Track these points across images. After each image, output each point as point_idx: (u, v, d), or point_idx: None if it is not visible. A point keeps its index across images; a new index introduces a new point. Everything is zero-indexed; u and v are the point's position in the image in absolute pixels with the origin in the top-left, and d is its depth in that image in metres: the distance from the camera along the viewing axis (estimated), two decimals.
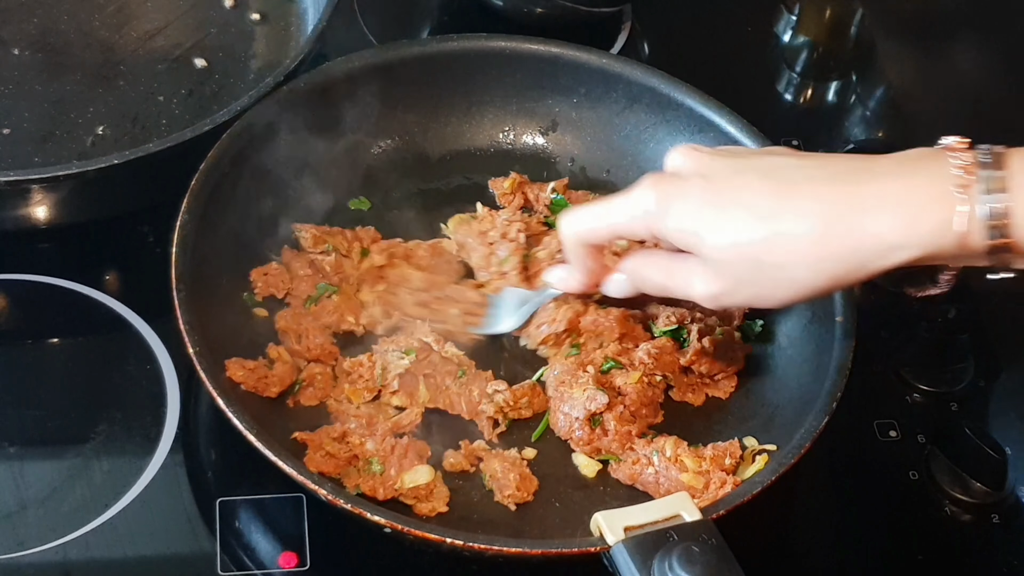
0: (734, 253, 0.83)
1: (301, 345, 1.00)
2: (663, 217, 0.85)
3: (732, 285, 0.85)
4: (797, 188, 0.82)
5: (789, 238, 0.81)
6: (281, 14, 1.28)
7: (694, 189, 0.85)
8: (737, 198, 0.83)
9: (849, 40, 1.41)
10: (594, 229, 0.92)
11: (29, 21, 1.22)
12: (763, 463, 0.94)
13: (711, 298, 0.87)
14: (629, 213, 0.88)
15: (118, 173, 1.00)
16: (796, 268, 0.82)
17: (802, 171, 0.83)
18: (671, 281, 0.89)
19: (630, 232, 0.89)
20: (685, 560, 0.78)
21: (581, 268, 0.95)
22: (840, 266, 0.81)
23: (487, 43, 1.16)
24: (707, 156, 0.87)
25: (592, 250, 0.94)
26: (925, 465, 1.04)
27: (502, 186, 1.14)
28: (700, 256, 0.85)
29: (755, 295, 0.85)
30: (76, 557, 0.92)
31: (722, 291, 0.85)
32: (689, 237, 0.85)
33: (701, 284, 0.86)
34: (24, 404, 1.00)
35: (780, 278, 0.83)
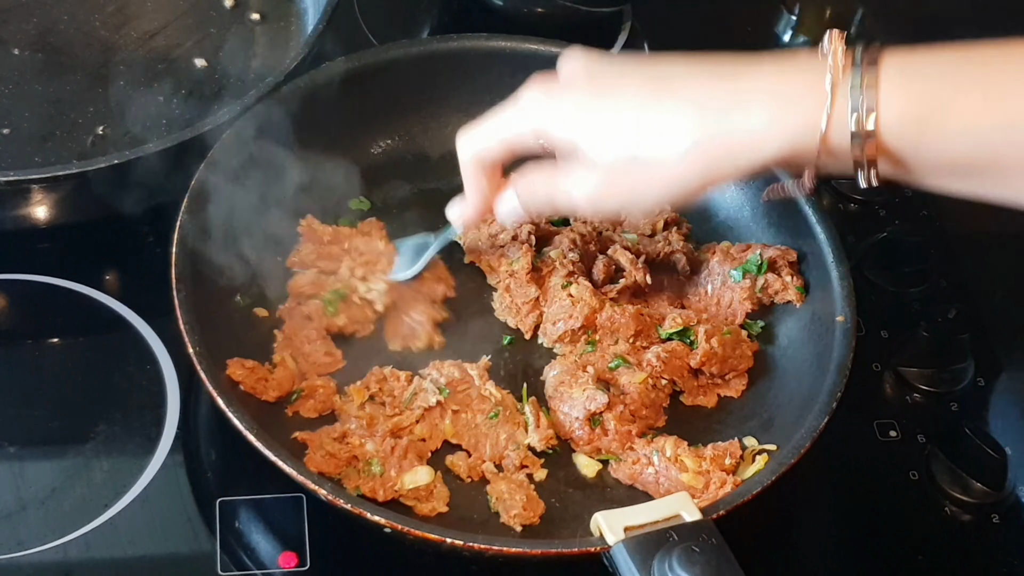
0: (610, 149, 0.83)
1: (301, 361, 1.00)
2: (549, 112, 0.85)
3: (608, 184, 0.84)
4: (676, 84, 0.82)
5: (662, 131, 0.81)
6: (281, 14, 1.28)
7: (578, 88, 0.85)
8: (617, 95, 0.83)
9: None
10: (487, 146, 0.91)
11: (29, 21, 1.22)
12: (763, 463, 0.94)
13: (589, 200, 0.86)
14: (518, 118, 0.88)
15: (118, 173, 1.00)
16: (668, 162, 0.81)
17: (685, 69, 0.83)
18: (555, 189, 0.88)
19: (522, 140, 0.89)
20: (685, 560, 0.78)
21: (476, 191, 0.94)
22: (710, 160, 0.80)
23: (487, 43, 1.16)
24: (596, 58, 0.87)
25: (488, 171, 0.93)
26: (925, 465, 1.04)
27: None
28: (580, 153, 0.84)
29: (630, 193, 0.84)
30: (76, 557, 0.92)
31: (599, 191, 0.85)
32: (569, 131, 0.84)
33: (580, 186, 0.85)
34: (24, 404, 1.00)
35: (653, 174, 0.82)
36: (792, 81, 0.79)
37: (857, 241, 1.18)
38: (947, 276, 1.18)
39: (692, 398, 1.03)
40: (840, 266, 1.03)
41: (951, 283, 1.18)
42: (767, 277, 1.05)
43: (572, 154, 0.85)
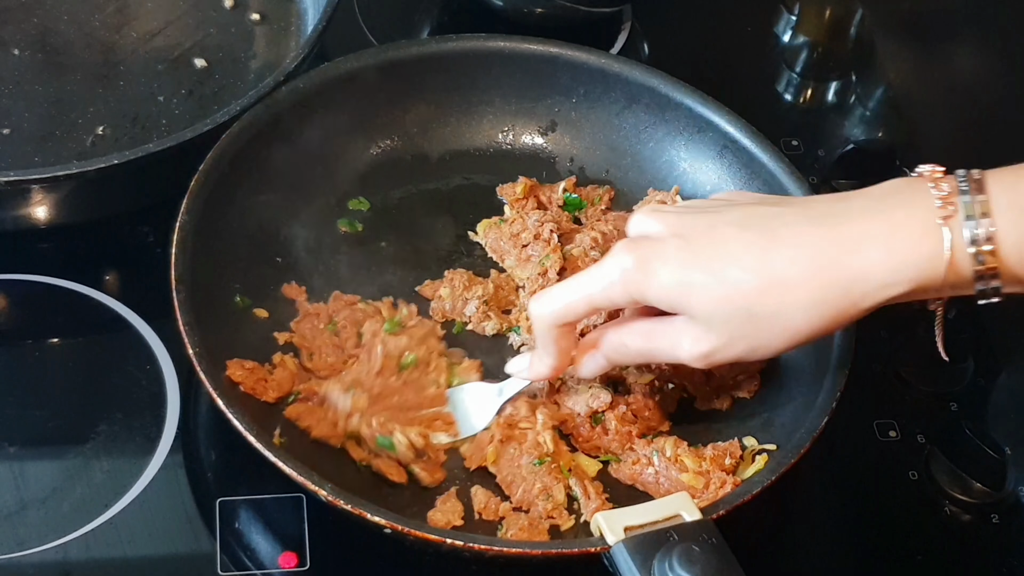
0: (727, 308, 0.82)
1: (312, 363, 1.00)
2: (646, 280, 0.83)
3: (726, 340, 0.83)
4: (779, 235, 0.81)
5: (781, 285, 0.80)
6: (281, 14, 1.28)
7: (673, 249, 0.83)
8: (720, 253, 0.82)
9: (849, 40, 1.41)
10: (570, 305, 0.88)
11: (29, 21, 1.22)
12: (763, 463, 0.94)
13: (702, 357, 0.85)
14: (606, 281, 0.85)
15: (118, 173, 1.00)
16: (791, 314, 0.81)
17: (779, 218, 0.83)
18: (654, 345, 0.87)
19: (609, 301, 0.87)
20: (685, 560, 0.78)
21: (554, 352, 0.91)
22: (834, 307, 0.80)
23: (487, 43, 1.16)
24: (674, 215, 0.86)
25: (566, 330, 0.90)
26: (925, 465, 1.04)
27: (513, 192, 1.13)
28: (688, 315, 0.83)
29: (750, 347, 0.83)
30: (76, 557, 0.92)
31: (715, 348, 0.84)
32: (676, 298, 0.83)
33: (691, 344, 0.84)
34: (24, 404, 1.00)
35: (775, 327, 0.82)
36: (902, 223, 0.79)
37: None
38: None
39: (706, 403, 1.02)
40: None
41: None
42: None
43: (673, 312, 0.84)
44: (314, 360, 1.00)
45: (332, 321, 1.02)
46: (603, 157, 1.18)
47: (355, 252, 1.09)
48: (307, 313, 1.02)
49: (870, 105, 1.34)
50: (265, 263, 1.05)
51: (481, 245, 1.11)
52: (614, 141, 1.18)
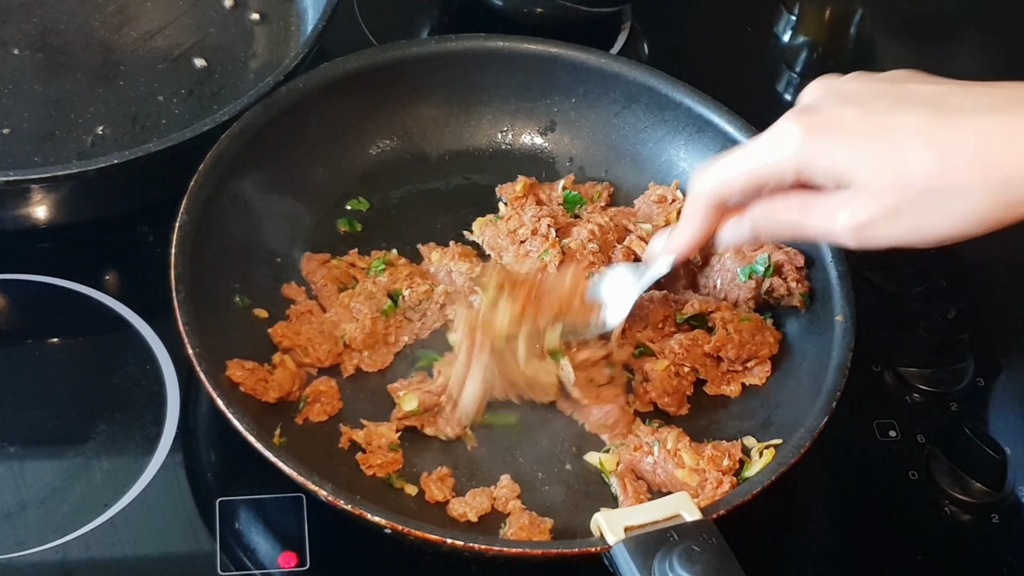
0: (902, 177, 0.77)
1: (311, 356, 1.00)
2: (817, 151, 0.79)
3: (890, 212, 0.78)
4: (966, 117, 0.77)
5: (964, 163, 0.76)
6: (281, 14, 1.28)
7: (848, 119, 0.79)
8: (900, 125, 0.78)
9: (849, 40, 1.41)
10: (730, 180, 0.84)
11: (29, 21, 1.22)
12: (771, 457, 0.94)
13: (859, 227, 0.79)
14: (771, 155, 0.81)
15: (118, 173, 1.00)
16: (970, 194, 0.76)
17: (967, 100, 0.79)
18: (808, 217, 0.82)
19: (772, 176, 0.82)
20: (686, 560, 0.78)
21: (702, 225, 0.88)
22: (1016, 191, 0.76)
23: (487, 43, 1.16)
24: (857, 84, 0.82)
25: (721, 206, 0.87)
26: (925, 465, 1.04)
27: (513, 190, 1.13)
28: (856, 185, 0.79)
29: (915, 225, 0.78)
30: (76, 557, 0.92)
31: (875, 219, 0.79)
32: (848, 168, 0.79)
33: (848, 214, 0.79)
34: (24, 404, 1.00)
35: (950, 207, 0.77)
36: None
37: None
38: (947, 276, 1.18)
39: (715, 387, 1.03)
40: (839, 266, 1.02)
41: (951, 283, 1.18)
42: (772, 281, 1.05)
43: (838, 186, 0.80)
44: (309, 354, 1.00)
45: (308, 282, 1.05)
46: (602, 157, 1.18)
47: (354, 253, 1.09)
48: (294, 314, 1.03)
49: None
50: (265, 263, 1.05)
51: (479, 244, 1.11)
52: (613, 141, 1.18)
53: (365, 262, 1.07)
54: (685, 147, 1.14)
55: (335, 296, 1.04)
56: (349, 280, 1.05)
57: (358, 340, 1.01)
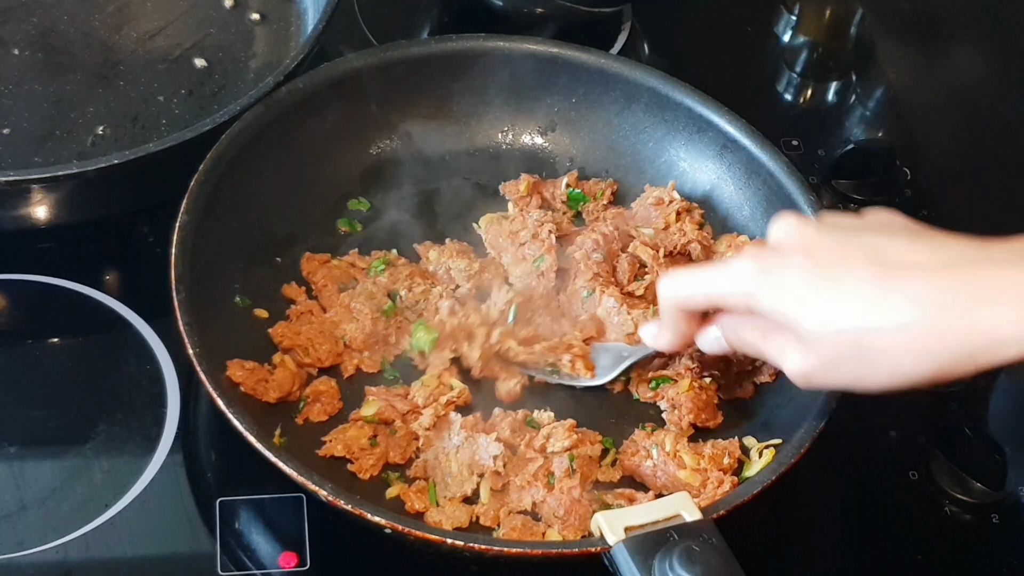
0: (834, 337, 0.79)
1: (311, 356, 1.00)
2: (760, 292, 0.82)
3: (828, 366, 0.81)
4: (906, 274, 0.78)
5: (895, 326, 0.77)
6: (281, 14, 1.28)
7: (794, 267, 0.81)
8: (841, 280, 0.79)
9: (849, 40, 1.41)
10: (691, 296, 0.90)
11: (29, 21, 1.22)
12: (771, 456, 0.94)
13: (802, 375, 0.83)
14: (727, 284, 0.85)
15: (118, 173, 1.00)
16: (900, 356, 0.78)
17: (912, 255, 0.79)
18: (765, 346, 0.86)
19: (726, 303, 0.87)
20: (686, 560, 0.78)
21: (674, 330, 0.93)
22: (948, 358, 0.77)
23: (487, 43, 1.16)
24: (812, 230, 0.83)
25: (687, 315, 0.92)
26: (925, 465, 1.04)
27: (517, 189, 1.13)
28: (796, 333, 0.81)
29: (852, 379, 0.81)
30: (76, 557, 0.92)
31: (815, 371, 0.82)
32: (786, 316, 0.81)
33: (794, 359, 0.83)
34: (24, 404, 1.00)
35: (881, 365, 0.79)
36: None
37: None
38: None
39: (729, 391, 1.03)
40: None
41: None
42: None
43: (783, 326, 0.83)
44: (310, 354, 1.00)
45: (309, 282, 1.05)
46: (602, 157, 1.18)
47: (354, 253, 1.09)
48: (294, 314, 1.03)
49: (870, 105, 1.34)
50: (265, 263, 1.05)
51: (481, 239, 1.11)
52: (613, 141, 1.18)
53: (365, 262, 1.07)
54: (685, 147, 1.14)
55: (335, 296, 1.04)
56: (349, 280, 1.05)
57: (358, 340, 1.01)
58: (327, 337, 1.00)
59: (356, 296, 1.03)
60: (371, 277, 1.05)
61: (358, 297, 1.03)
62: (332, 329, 1.01)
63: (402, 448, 0.96)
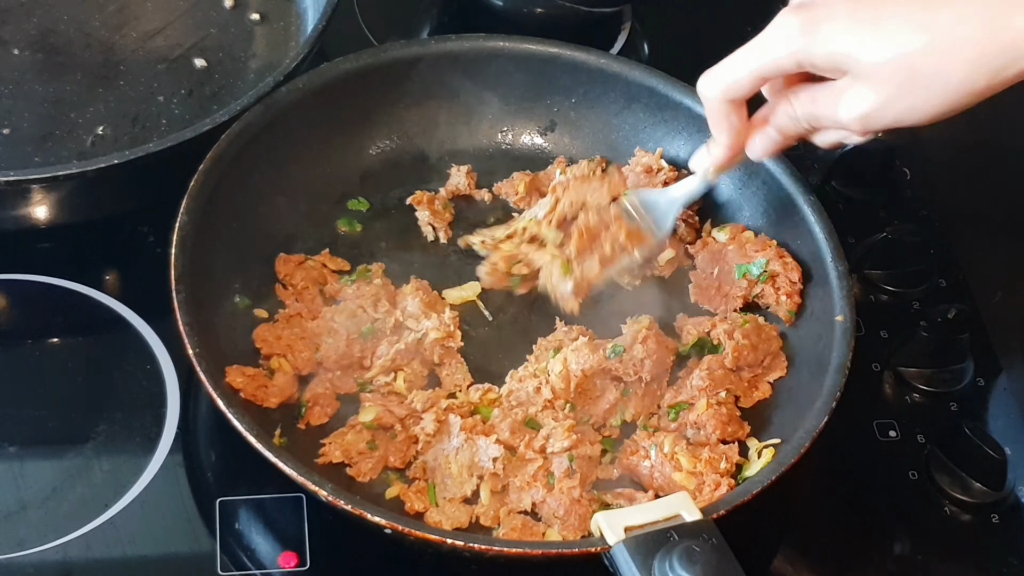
0: (892, 65, 0.81)
1: (289, 363, 0.99)
2: (811, 42, 0.84)
3: (886, 99, 0.83)
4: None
5: (948, 43, 0.80)
6: (281, 14, 1.28)
7: (840, 10, 0.83)
8: (888, 10, 0.82)
9: None
10: (738, 79, 0.89)
11: (29, 21, 1.22)
12: (770, 456, 0.94)
13: (861, 117, 0.85)
14: (772, 48, 0.86)
15: (118, 173, 1.00)
16: (953, 72, 0.80)
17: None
18: (817, 107, 0.87)
19: (776, 68, 0.87)
20: (686, 560, 0.78)
21: (728, 129, 0.93)
22: (997, 64, 0.79)
23: (486, 43, 1.16)
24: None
25: (738, 105, 0.91)
26: (925, 465, 1.04)
27: (516, 190, 1.14)
28: (852, 73, 0.83)
29: (910, 107, 0.83)
30: (76, 557, 0.92)
31: (874, 107, 0.84)
32: (842, 58, 0.83)
33: (851, 103, 0.84)
34: (24, 404, 1.00)
35: (936, 86, 0.81)
36: None
37: (857, 241, 1.18)
38: (947, 276, 1.18)
39: (749, 399, 1.02)
40: (839, 266, 1.02)
41: (951, 283, 1.18)
42: (764, 288, 1.06)
43: (839, 73, 0.84)
44: (289, 361, 0.99)
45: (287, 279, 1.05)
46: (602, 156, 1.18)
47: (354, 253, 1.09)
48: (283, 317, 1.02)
49: None
50: (265, 263, 1.05)
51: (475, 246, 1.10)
52: (613, 141, 1.18)
53: (336, 263, 1.06)
54: (685, 147, 1.14)
55: (318, 299, 1.03)
56: (325, 281, 1.05)
57: (330, 359, 0.99)
58: (307, 344, 1.00)
59: (339, 312, 1.02)
60: (341, 284, 1.05)
61: (340, 313, 1.01)
62: (313, 337, 1.01)
63: (402, 452, 0.96)
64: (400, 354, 1.00)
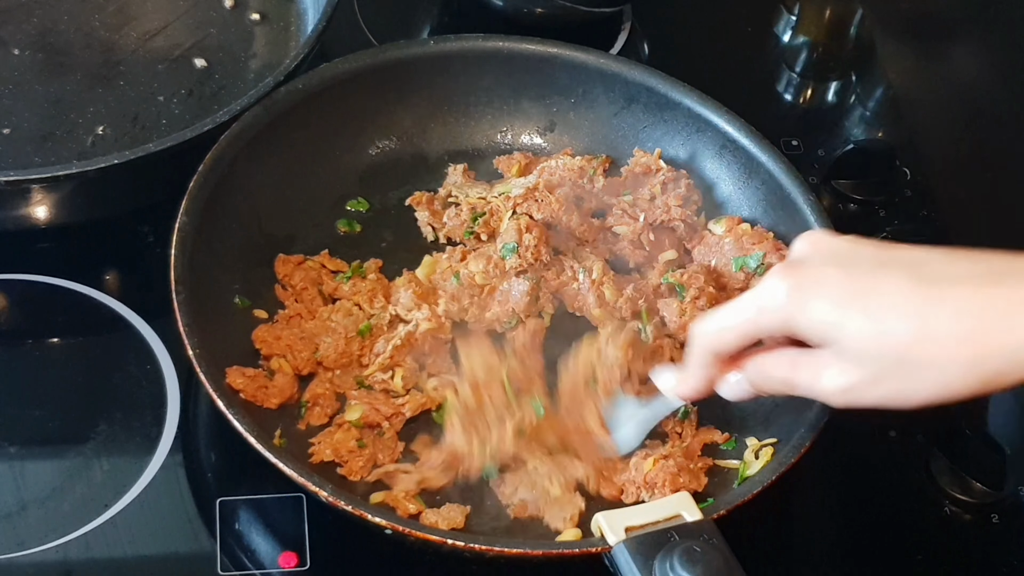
0: (879, 345, 0.78)
1: (289, 363, 0.99)
2: (800, 308, 0.80)
3: (870, 379, 0.79)
4: (947, 287, 0.77)
5: (942, 336, 0.76)
6: (281, 14, 1.28)
7: (832, 279, 0.80)
8: (882, 290, 0.78)
9: (849, 40, 1.41)
10: (725, 336, 0.86)
11: (29, 21, 1.22)
12: (770, 456, 0.94)
13: (842, 391, 0.81)
14: (759, 309, 0.83)
15: (118, 173, 1.00)
16: (946, 367, 0.77)
17: (951, 268, 0.79)
18: (796, 375, 0.83)
19: (761, 330, 0.84)
20: (686, 560, 0.78)
21: (703, 377, 0.89)
22: (991, 371, 0.76)
23: (486, 43, 1.16)
24: (843, 243, 0.83)
25: (718, 358, 0.88)
26: (925, 465, 1.04)
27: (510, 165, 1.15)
28: (837, 347, 0.79)
29: (896, 391, 0.79)
30: (76, 557, 0.92)
31: (857, 384, 0.80)
32: (829, 328, 0.79)
33: (833, 377, 0.80)
34: (24, 404, 1.00)
35: (926, 377, 0.78)
36: None
37: None
38: None
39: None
40: None
41: None
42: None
43: (821, 345, 0.81)
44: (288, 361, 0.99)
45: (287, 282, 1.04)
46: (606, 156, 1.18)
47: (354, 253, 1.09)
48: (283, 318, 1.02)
49: (870, 105, 1.34)
50: (265, 263, 1.05)
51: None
52: (612, 141, 1.18)
53: (335, 264, 1.06)
54: (684, 147, 1.14)
55: (317, 299, 1.03)
56: (324, 281, 1.05)
57: (330, 358, 0.99)
58: (307, 344, 1.00)
59: (336, 311, 1.02)
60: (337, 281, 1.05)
61: (337, 312, 1.02)
62: (312, 337, 1.00)
63: (390, 449, 0.96)
64: (397, 349, 1.00)
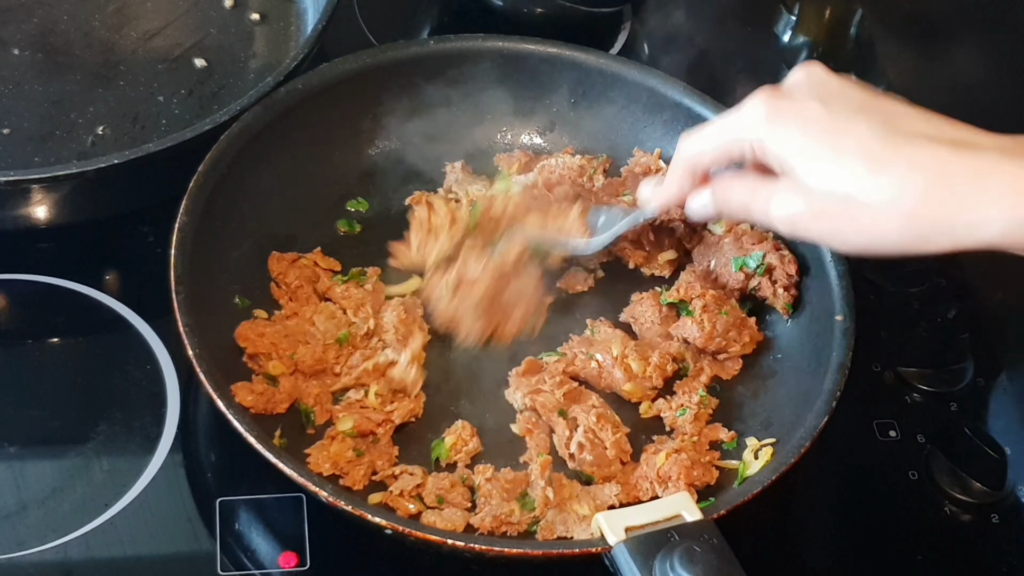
0: (830, 181, 0.81)
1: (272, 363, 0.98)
2: (772, 131, 0.83)
3: (814, 212, 0.82)
4: (909, 141, 0.79)
5: (891, 187, 0.78)
6: (281, 14, 1.28)
7: (807, 115, 0.83)
8: (849, 130, 0.81)
9: (849, 40, 1.41)
10: (703, 151, 0.90)
11: (29, 21, 1.22)
12: (769, 455, 0.94)
13: (788, 219, 0.84)
14: (739, 130, 0.86)
15: (118, 173, 1.00)
16: (887, 219, 0.79)
17: (923, 126, 0.81)
18: (753, 200, 0.87)
19: (739, 148, 0.87)
20: (686, 560, 0.78)
21: (677, 188, 0.94)
22: (927, 228, 0.79)
23: (486, 43, 1.16)
24: (836, 83, 0.85)
25: (696, 172, 0.92)
26: (925, 465, 1.04)
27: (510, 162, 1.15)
28: (793, 177, 0.83)
29: (832, 229, 0.82)
30: (76, 557, 0.92)
31: (800, 215, 0.83)
32: (791, 157, 0.82)
33: (781, 204, 0.84)
34: (24, 404, 1.00)
35: (865, 223, 0.80)
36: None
37: None
38: (947, 276, 1.18)
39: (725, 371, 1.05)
40: (839, 265, 1.02)
41: (951, 283, 1.18)
42: (761, 280, 1.06)
43: (782, 172, 0.84)
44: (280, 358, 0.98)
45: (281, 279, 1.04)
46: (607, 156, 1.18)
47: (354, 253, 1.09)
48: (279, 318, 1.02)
49: None
50: (265, 263, 1.05)
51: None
52: (613, 141, 1.18)
53: (328, 262, 1.06)
54: None
55: (313, 298, 1.03)
56: (318, 279, 1.05)
57: (307, 363, 0.99)
58: (290, 343, 0.99)
59: (319, 311, 1.01)
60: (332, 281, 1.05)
61: (320, 314, 1.01)
62: (293, 336, 1.00)
63: (387, 454, 0.96)
64: (367, 373, 0.99)
